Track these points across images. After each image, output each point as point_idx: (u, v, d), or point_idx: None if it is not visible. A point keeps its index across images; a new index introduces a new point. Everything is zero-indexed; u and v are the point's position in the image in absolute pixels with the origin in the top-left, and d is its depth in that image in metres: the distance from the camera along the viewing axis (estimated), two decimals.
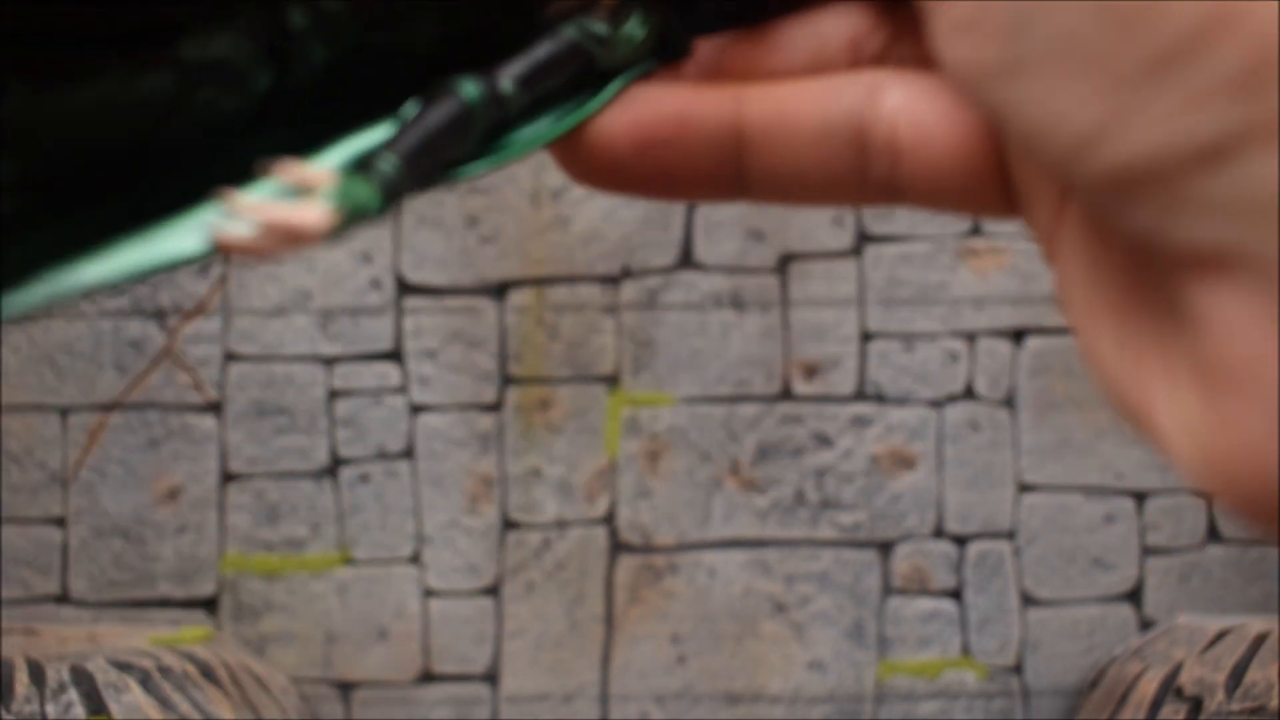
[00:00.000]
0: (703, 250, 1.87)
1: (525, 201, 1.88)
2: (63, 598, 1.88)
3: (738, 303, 1.86)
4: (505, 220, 1.88)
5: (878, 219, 1.85)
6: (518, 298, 1.88)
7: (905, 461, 1.82)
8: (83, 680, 1.57)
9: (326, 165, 0.27)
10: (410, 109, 0.28)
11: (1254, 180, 0.24)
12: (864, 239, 1.85)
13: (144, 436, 1.87)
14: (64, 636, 1.75)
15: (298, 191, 0.26)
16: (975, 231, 1.84)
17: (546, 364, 1.87)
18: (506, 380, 1.88)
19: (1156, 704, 1.61)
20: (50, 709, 1.56)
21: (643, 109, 0.30)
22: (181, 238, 0.26)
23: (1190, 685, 1.59)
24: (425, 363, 1.87)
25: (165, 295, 1.87)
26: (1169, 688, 1.61)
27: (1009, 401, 1.82)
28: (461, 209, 1.88)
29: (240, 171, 0.27)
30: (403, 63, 0.29)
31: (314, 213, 0.26)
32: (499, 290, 1.87)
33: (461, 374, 1.88)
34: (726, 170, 0.30)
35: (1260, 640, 1.57)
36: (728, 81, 0.30)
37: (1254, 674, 1.54)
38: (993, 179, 0.30)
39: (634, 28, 0.30)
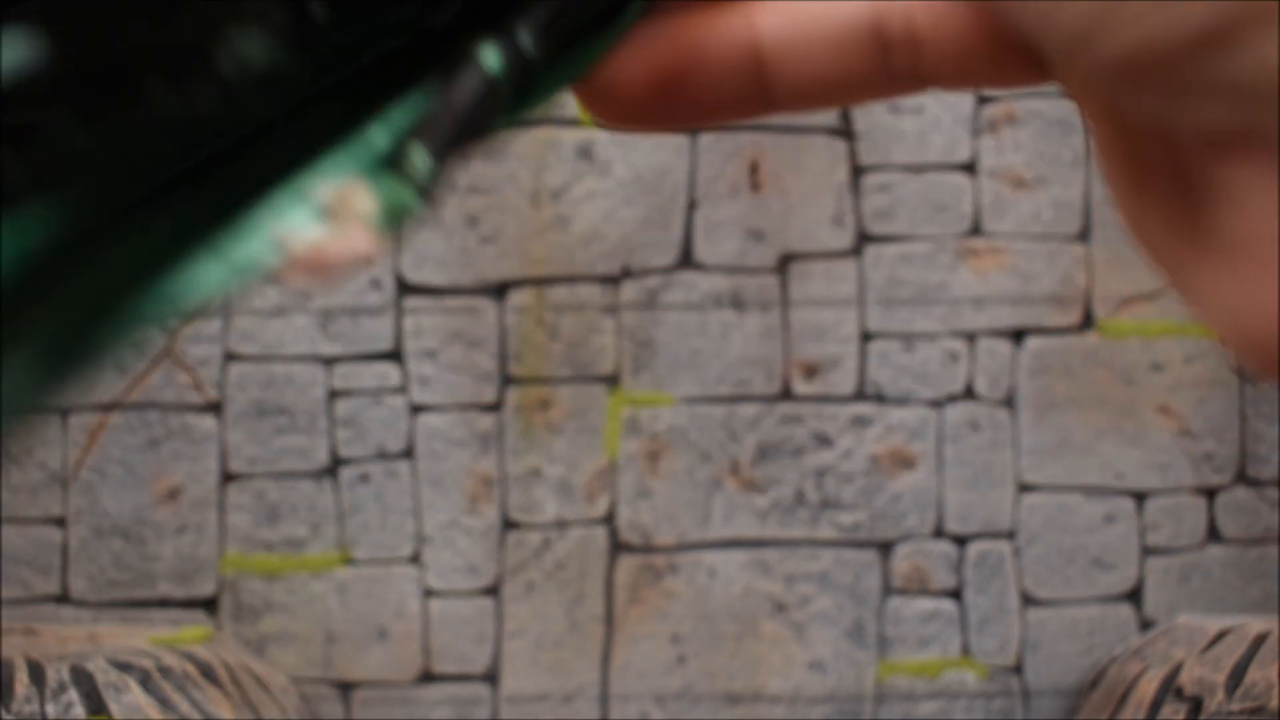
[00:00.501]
0: (703, 250, 1.87)
1: (525, 201, 1.88)
2: (63, 598, 1.88)
3: (738, 303, 1.86)
4: (505, 220, 1.88)
5: (878, 219, 1.85)
6: (518, 298, 1.88)
7: (905, 461, 1.82)
8: (83, 680, 1.57)
9: (365, 183, 0.27)
10: (433, 86, 0.28)
11: (1254, 62, 0.24)
12: (864, 239, 1.85)
13: (144, 436, 1.87)
14: (64, 636, 1.75)
15: (340, 213, 0.27)
16: (975, 231, 1.84)
17: (546, 364, 1.87)
18: (506, 380, 1.88)
19: (1156, 704, 1.61)
20: (50, 709, 1.56)
21: (656, 46, 0.30)
22: (241, 251, 0.27)
23: (1190, 685, 1.59)
24: (425, 363, 1.88)
25: None
26: (1169, 688, 1.61)
27: (1009, 401, 1.82)
28: (461, 209, 1.88)
29: (287, 164, 0.28)
30: (429, 32, 0.29)
31: (360, 239, 0.26)
32: (499, 290, 1.87)
33: (461, 374, 1.88)
34: (750, 90, 0.30)
35: (1260, 640, 1.57)
36: (735, 2, 0.30)
37: (1254, 674, 1.54)
38: (1017, 48, 0.30)
39: None
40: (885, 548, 1.82)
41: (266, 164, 0.28)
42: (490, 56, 0.28)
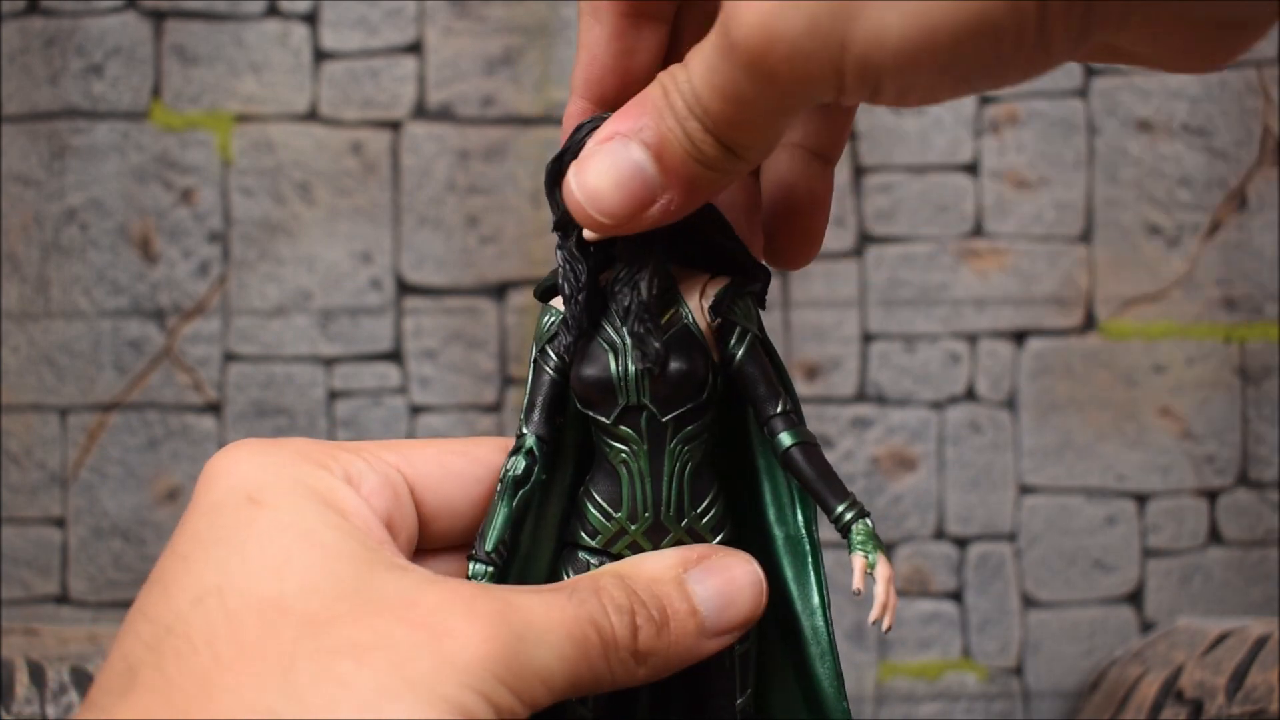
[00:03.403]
0: None
1: (525, 201, 1.88)
2: (63, 598, 1.88)
3: None
4: (505, 220, 1.88)
5: (879, 220, 1.85)
6: (518, 298, 1.88)
7: (906, 463, 1.82)
8: (83, 681, 1.57)
9: (871, 556, 0.51)
10: (798, 472, 0.51)
11: None
12: (865, 240, 1.84)
13: (143, 436, 1.87)
14: (64, 636, 1.75)
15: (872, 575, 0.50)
16: (977, 232, 1.84)
17: None
18: (507, 381, 1.88)
19: (1157, 706, 1.61)
20: (50, 710, 1.56)
21: None
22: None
23: (1191, 688, 1.59)
24: (425, 363, 1.87)
25: (165, 295, 1.86)
26: (1169, 690, 1.61)
27: (1010, 403, 1.82)
28: (461, 209, 1.88)
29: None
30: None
31: (885, 569, 0.50)
32: (499, 290, 1.87)
33: (461, 374, 1.87)
34: None
35: (1261, 643, 1.56)
36: None
37: (1254, 677, 1.54)
38: None
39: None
40: (886, 549, 1.82)
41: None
42: (786, 436, 0.53)
